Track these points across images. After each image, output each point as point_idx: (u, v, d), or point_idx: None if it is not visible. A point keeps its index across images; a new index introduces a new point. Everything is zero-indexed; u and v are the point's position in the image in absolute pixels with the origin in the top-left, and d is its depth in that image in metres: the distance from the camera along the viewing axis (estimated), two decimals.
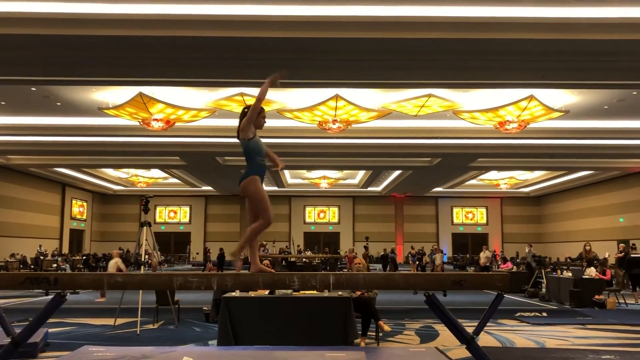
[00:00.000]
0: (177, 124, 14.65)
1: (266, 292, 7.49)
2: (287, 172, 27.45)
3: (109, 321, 9.57)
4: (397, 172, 25.60)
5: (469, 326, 4.42)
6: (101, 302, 13.19)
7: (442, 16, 8.83)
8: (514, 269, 18.33)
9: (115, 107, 13.36)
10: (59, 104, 14.23)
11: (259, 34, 9.01)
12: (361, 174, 28.24)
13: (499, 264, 20.67)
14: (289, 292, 7.38)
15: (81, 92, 13.29)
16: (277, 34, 9.01)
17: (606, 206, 26.45)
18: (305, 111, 13.85)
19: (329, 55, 9.80)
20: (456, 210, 35.44)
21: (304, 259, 24.71)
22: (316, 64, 10.26)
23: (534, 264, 16.76)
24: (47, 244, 26.14)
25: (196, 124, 15.51)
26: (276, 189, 31.43)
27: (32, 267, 22.14)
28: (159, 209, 35.16)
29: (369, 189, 31.98)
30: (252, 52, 9.70)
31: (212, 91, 13.21)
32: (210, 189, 31.72)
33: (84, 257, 24.93)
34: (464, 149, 18.11)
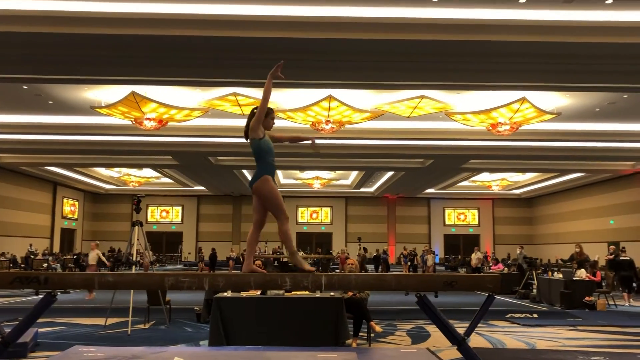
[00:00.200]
0: (170, 124, 14.62)
1: (258, 293, 7.48)
2: (279, 173, 27.45)
3: (100, 321, 9.52)
4: (390, 173, 25.66)
5: (460, 327, 4.44)
6: (92, 302, 13.11)
7: (435, 18, 8.88)
8: (505, 271, 18.41)
9: (107, 106, 13.31)
10: (50, 102, 14.15)
11: (252, 34, 9.01)
12: (354, 175, 28.28)
13: (491, 265, 20.75)
14: (280, 292, 7.38)
15: (73, 91, 13.23)
16: (271, 34, 9.02)
17: (597, 208, 26.62)
18: (298, 111, 13.85)
19: (322, 55, 9.82)
20: (448, 211, 35.55)
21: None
22: (310, 65, 10.26)
23: (525, 266, 16.83)
24: (37, 243, 25.97)
25: (189, 124, 15.48)
26: None
27: (22, 266, 21.99)
28: (151, 208, 35.03)
29: (362, 190, 32.03)
30: (245, 52, 9.70)
31: (205, 91, 13.18)
32: (202, 188, 31.64)
33: (75, 257, 24.78)
34: (456, 151, 18.18)
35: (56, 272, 7.19)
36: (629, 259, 14.73)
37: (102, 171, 27.66)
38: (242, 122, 15.89)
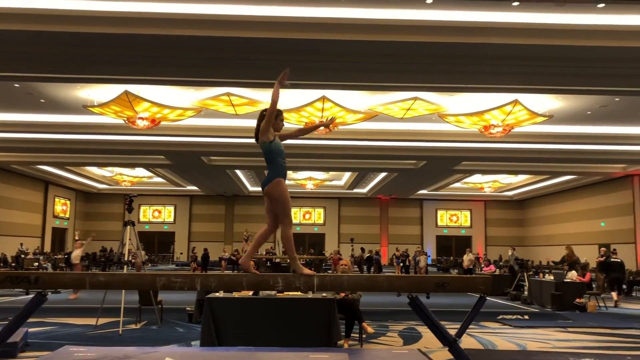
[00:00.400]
0: (163, 123, 14.57)
1: (250, 293, 7.47)
2: None
3: (91, 321, 9.47)
4: (383, 174, 25.70)
5: (452, 328, 4.45)
6: (83, 301, 13.03)
7: (428, 20, 8.90)
8: (497, 272, 18.48)
9: (100, 105, 13.25)
10: (42, 100, 14.07)
11: (246, 34, 9.00)
12: (347, 176, 28.30)
13: (482, 266, 20.82)
14: (273, 293, 7.37)
15: (66, 89, 13.16)
16: (264, 34, 9.01)
17: (588, 210, 26.77)
18: (292, 112, 13.84)
19: (316, 56, 9.82)
20: (440, 212, 35.65)
21: (288, 260, 24.60)
22: (303, 65, 10.26)
23: (517, 267, 16.91)
24: (28, 242, 25.80)
25: (182, 123, 15.44)
26: (261, 189, 31.29)
27: (12, 265, 21.84)
28: (143, 208, 34.91)
29: (355, 191, 32.06)
30: (239, 52, 9.69)
31: (198, 90, 13.15)
32: (195, 188, 31.57)
33: (66, 256, 24.62)
34: (449, 152, 18.24)
35: (47, 272, 7.14)
36: (619, 260, 14.85)
37: (94, 170, 27.53)
38: (236, 123, 15.85)
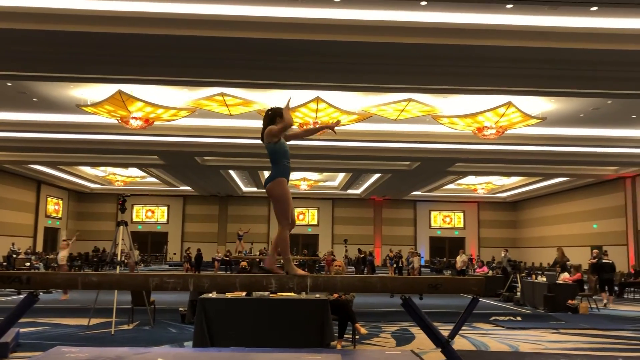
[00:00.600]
0: (156, 123, 14.53)
1: (243, 294, 7.46)
2: (266, 174, 27.37)
3: (83, 321, 9.42)
4: (377, 175, 25.73)
5: (445, 329, 4.47)
6: (75, 302, 12.97)
7: (423, 22, 8.93)
8: (490, 273, 18.54)
9: (93, 105, 13.20)
10: (35, 100, 14.00)
11: (240, 35, 9.00)
12: (341, 177, 28.32)
13: (475, 268, 20.88)
14: (266, 294, 7.36)
15: (59, 89, 13.10)
16: (259, 34, 9.01)
17: (581, 212, 26.90)
18: None
19: (310, 57, 9.83)
20: (434, 214, 35.72)
21: (281, 261, 24.54)
22: (298, 66, 10.27)
23: (510, 269, 16.97)
24: (20, 242, 25.66)
25: (175, 123, 15.40)
26: (255, 190, 31.32)
27: (4, 265, 21.72)
28: (136, 208, 34.78)
29: (349, 192, 32.07)
30: (233, 52, 9.68)
31: (192, 90, 13.13)
32: (188, 188, 31.48)
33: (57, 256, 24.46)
34: (443, 154, 18.28)
35: (38, 272, 7.10)
36: (610, 262, 14.99)
37: (87, 170, 27.41)
38: (230, 123, 15.79)
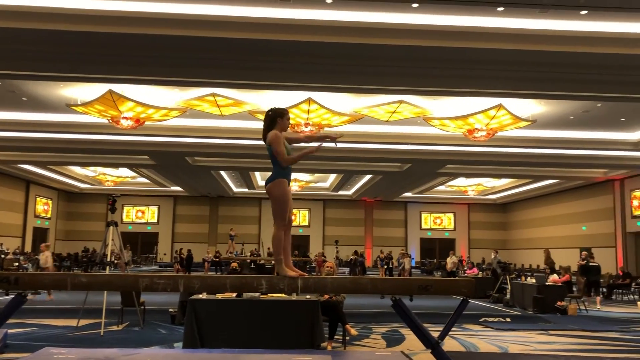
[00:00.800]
0: (147, 123, 14.47)
1: (233, 295, 7.44)
2: (257, 174, 27.36)
3: (72, 322, 9.36)
4: (368, 177, 25.76)
5: (435, 331, 4.48)
6: (64, 302, 12.87)
7: (414, 24, 8.95)
8: (480, 275, 18.62)
9: (84, 104, 13.12)
10: (25, 99, 13.90)
11: (232, 35, 8.99)
12: (332, 178, 28.33)
13: (466, 269, 20.97)
14: (256, 295, 7.35)
15: (48, 88, 13.01)
16: (250, 35, 9.00)
17: (570, 214, 27.08)
18: None
19: (301, 58, 9.83)
20: (425, 215, 35.82)
21: (273, 262, 24.51)
22: (289, 67, 10.27)
23: (499, 270, 17.06)
24: (8, 242, 25.45)
25: (166, 124, 15.34)
26: (246, 190, 31.26)
27: None
28: (126, 208, 34.59)
29: (340, 193, 32.10)
30: (224, 53, 9.66)
31: (183, 90, 13.08)
32: (179, 189, 31.36)
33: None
34: (434, 155, 18.34)
35: (27, 272, 7.04)
36: (597, 264, 15.20)
37: (77, 170, 27.23)
38: (221, 123, 15.74)
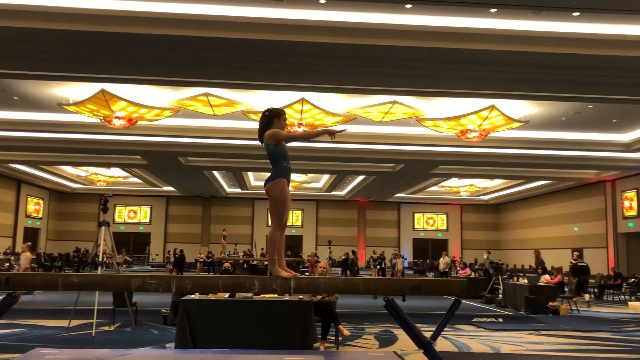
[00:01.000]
0: (140, 123, 14.41)
1: (226, 295, 7.42)
2: (250, 175, 27.32)
3: (63, 323, 9.31)
4: (361, 177, 25.79)
5: (427, 331, 4.49)
6: (55, 302, 12.78)
7: (407, 25, 8.97)
8: (472, 275, 18.67)
9: (75, 104, 13.05)
10: (16, 98, 13.81)
11: (225, 35, 8.97)
12: (325, 178, 28.33)
13: (458, 269, 21.03)
14: (249, 295, 7.34)
15: (40, 87, 12.94)
16: (243, 35, 8.99)
17: (562, 215, 27.22)
18: None
19: (294, 58, 9.83)
20: (417, 216, 35.89)
21: (265, 262, 24.56)
22: (282, 67, 10.26)
23: (492, 271, 17.11)
24: None
25: (159, 123, 15.29)
26: (239, 190, 31.20)
27: None
28: (118, 208, 34.44)
29: (333, 193, 32.11)
30: (217, 53, 9.64)
31: (176, 90, 13.04)
32: (171, 189, 31.26)
33: (36, 256, 24.11)
34: (427, 156, 18.38)
35: (17, 273, 6.98)
36: (585, 264, 15.38)
37: (68, 170, 27.08)
38: (214, 123, 15.70)
